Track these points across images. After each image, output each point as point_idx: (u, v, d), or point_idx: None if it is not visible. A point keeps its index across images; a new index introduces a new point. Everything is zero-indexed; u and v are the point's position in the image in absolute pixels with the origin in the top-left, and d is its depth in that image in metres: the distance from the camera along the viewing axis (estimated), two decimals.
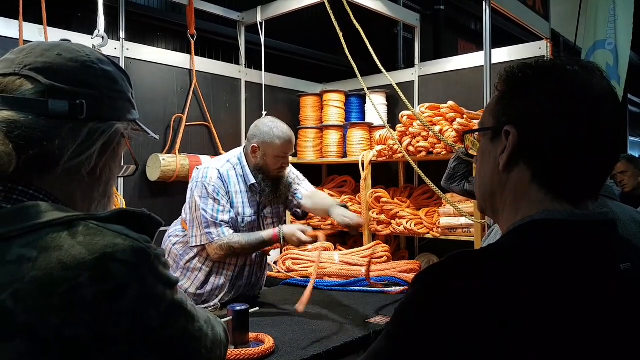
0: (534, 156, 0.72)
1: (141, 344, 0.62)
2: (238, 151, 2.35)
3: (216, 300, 2.26)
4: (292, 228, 2.14)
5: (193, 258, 2.27)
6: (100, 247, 0.61)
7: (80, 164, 0.73)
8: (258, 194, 2.28)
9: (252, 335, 1.69)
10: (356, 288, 2.52)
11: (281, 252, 3.08)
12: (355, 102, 3.71)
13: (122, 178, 2.84)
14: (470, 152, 0.88)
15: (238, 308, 1.65)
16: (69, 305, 0.58)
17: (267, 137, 2.22)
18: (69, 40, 0.80)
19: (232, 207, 2.21)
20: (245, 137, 3.54)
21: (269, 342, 1.63)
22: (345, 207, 2.27)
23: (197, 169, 2.31)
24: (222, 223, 2.15)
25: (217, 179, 2.19)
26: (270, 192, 2.27)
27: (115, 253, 0.62)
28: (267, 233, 2.16)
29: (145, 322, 0.62)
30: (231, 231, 2.16)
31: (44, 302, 0.58)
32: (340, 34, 2.62)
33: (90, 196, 0.78)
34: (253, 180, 2.25)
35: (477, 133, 0.85)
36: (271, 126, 2.25)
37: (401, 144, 2.94)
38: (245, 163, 2.28)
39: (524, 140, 0.72)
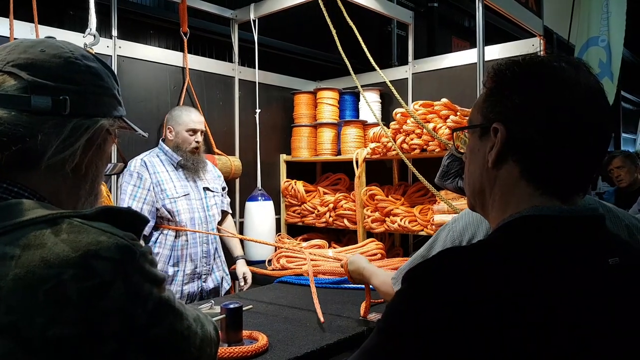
0: (522, 153, 0.72)
1: (129, 343, 0.61)
2: (160, 144, 2.78)
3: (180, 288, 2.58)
4: None
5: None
6: (84, 244, 0.61)
7: (63, 160, 0.72)
8: (183, 169, 2.68)
9: (245, 333, 1.69)
10: (350, 285, 2.52)
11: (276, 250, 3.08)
12: (349, 100, 3.71)
13: (114, 176, 2.83)
14: (461, 150, 0.88)
15: (231, 306, 1.65)
16: (53, 303, 0.57)
17: (177, 117, 2.70)
18: (54, 37, 0.79)
19: (160, 183, 2.58)
20: (239, 135, 3.57)
21: (262, 339, 1.63)
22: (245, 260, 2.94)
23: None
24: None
25: (140, 166, 2.59)
26: (191, 166, 2.69)
27: (99, 250, 0.61)
28: None
29: (132, 320, 0.61)
30: None
31: (27, 300, 0.57)
32: (334, 32, 2.62)
33: (77, 194, 0.77)
34: (179, 158, 2.66)
35: (466, 131, 0.85)
36: (180, 109, 2.77)
37: (395, 142, 2.94)
38: (167, 148, 2.70)
39: (512, 137, 0.72)
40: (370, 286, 1.86)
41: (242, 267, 2.87)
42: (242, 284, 2.81)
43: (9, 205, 0.64)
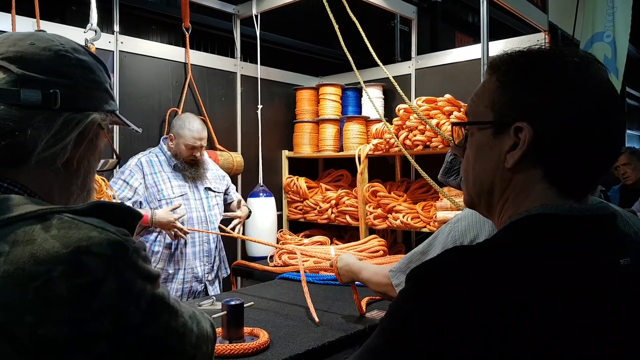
0: (547, 154, 0.69)
1: (122, 342, 0.59)
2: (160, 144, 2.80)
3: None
4: (165, 210, 2.50)
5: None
6: (74, 240, 0.59)
7: (54, 155, 0.70)
8: (181, 172, 2.69)
9: (246, 329, 1.68)
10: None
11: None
12: (352, 96, 3.69)
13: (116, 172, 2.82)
14: (458, 142, 0.84)
15: (233, 302, 1.64)
16: (43, 301, 0.56)
17: (180, 130, 2.64)
18: (44, 31, 0.78)
19: (157, 183, 2.61)
20: (241, 131, 3.56)
21: (263, 336, 1.62)
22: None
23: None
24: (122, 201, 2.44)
25: (135, 165, 2.61)
26: (189, 172, 2.69)
27: (91, 246, 0.59)
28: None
29: (125, 318, 0.60)
30: None
31: (16, 298, 0.55)
32: (336, 27, 2.60)
33: (68, 189, 0.75)
34: (175, 162, 2.68)
35: (466, 126, 0.81)
36: (184, 120, 2.67)
37: (398, 138, 2.93)
38: (166, 150, 2.70)
39: (538, 137, 0.68)
40: (358, 283, 1.85)
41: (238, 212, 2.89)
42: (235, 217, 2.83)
43: None
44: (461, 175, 0.84)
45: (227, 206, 2.99)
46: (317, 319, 1.84)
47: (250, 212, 3.00)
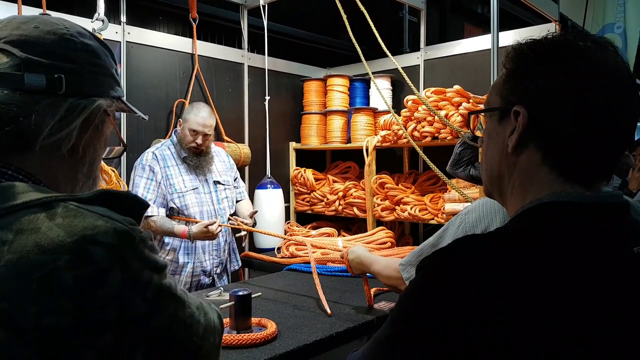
0: (544, 137, 0.69)
1: (127, 333, 0.58)
2: (172, 136, 2.79)
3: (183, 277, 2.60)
4: (199, 226, 2.48)
5: None
6: (80, 229, 0.58)
7: (59, 141, 0.69)
8: (187, 163, 2.67)
9: (254, 320, 1.68)
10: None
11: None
12: (360, 87, 3.67)
13: (125, 163, 2.83)
14: (477, 133, 0.85)
15: (240, 293, 1.64)
16: (47, 291, 0.54)
17: (187, 113, 2.66)
18: (49, 14, 0.76)
19: (169, 177, 2.60)
20: (248, 122, 3.56)
21: (271, 327, 1.62)
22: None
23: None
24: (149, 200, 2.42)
25: (152, 159, 2.61)
26: (192, 160, 2.66)
27: (96, 235, 0.58)
28: (178, 228, 2.51)
29: (131, 309, 0.59)
30: (155, 210, 2.56)
31: (20, 287, 0.54)
32: (345, 17, 2.58)
33: (74, 177, 0.74)
34: (184, 154, 2.66)
35: (483, 114, 0.82)
36: (194, 106, 2.69)
37: (406, 129, 2.91)
38: (176, 141, 2.69)
39: (534, 120, 0.69)
40: (368, 275, 1.85)
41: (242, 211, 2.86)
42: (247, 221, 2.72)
43: (1, 188, 0.61)
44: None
45: (237, 204, 2.96)
46: (329, 311, 1.84)
47: (255, 222, 2.91)
